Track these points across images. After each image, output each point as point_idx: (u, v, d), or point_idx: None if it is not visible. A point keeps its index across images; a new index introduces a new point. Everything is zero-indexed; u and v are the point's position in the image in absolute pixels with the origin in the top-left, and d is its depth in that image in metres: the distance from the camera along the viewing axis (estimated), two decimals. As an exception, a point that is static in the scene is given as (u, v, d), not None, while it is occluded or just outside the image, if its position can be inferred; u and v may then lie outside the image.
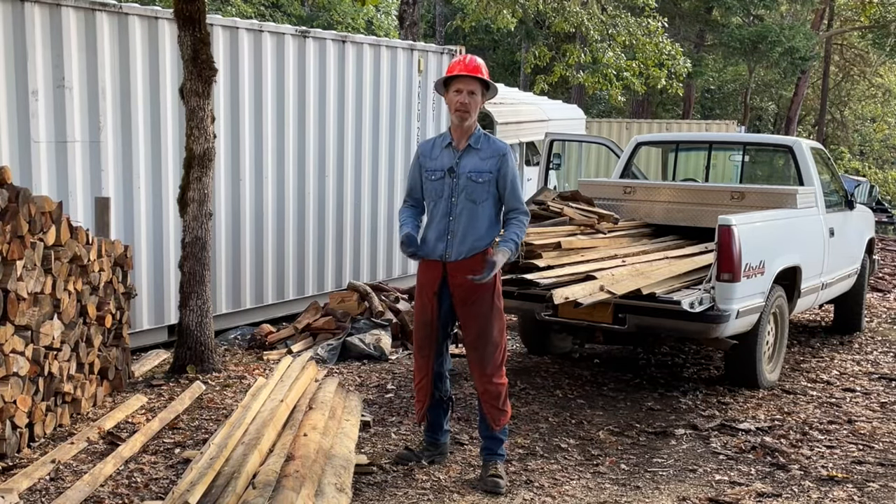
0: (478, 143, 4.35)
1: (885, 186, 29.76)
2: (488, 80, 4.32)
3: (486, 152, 4.33)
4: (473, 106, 4.30)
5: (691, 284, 5.96)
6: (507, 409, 4.47)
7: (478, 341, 4.37)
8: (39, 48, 6.04)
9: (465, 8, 19.57)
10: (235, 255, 7.62)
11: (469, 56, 4.40)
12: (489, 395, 4.40)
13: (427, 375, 4.53)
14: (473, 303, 4.34)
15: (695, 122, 21.21)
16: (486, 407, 4.42)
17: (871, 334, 8.44)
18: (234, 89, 7.42)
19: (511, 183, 4.33)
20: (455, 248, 4.33)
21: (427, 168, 4.45)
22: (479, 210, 4.32)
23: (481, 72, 4.30)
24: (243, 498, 3.71)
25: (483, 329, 4.35)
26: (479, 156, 4.33)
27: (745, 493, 4.42)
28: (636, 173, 8.42)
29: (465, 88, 4.28)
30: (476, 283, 4.25)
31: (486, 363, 4.37)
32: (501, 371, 4.43)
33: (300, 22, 23.74)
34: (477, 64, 4.33)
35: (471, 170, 4.32)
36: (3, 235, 4.33)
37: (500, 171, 4.30)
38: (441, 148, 4.43)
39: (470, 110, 4.29)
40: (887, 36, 26.30)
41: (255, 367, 6.58)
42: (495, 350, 4.37)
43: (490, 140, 4.39)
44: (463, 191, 4.32)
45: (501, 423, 4.44)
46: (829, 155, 8.14)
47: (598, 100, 29.70)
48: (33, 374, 4.67)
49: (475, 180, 4.31)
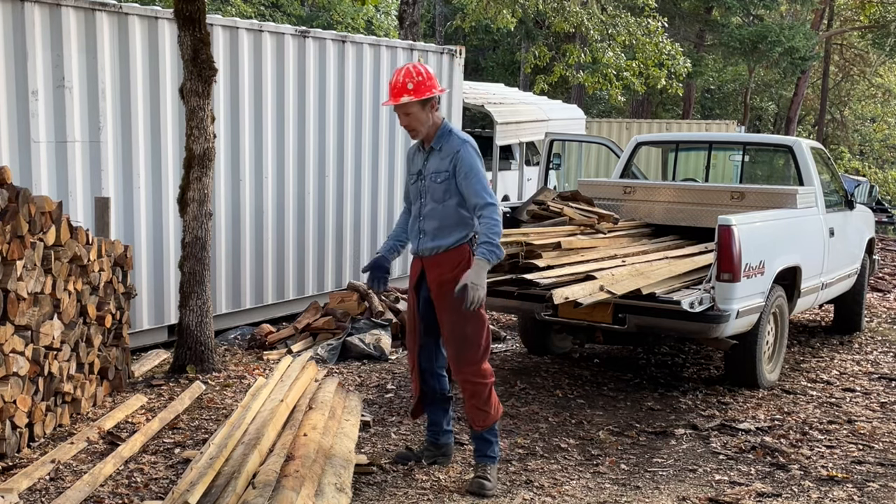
0: (439, 142, 4.37)
1: (885, 186, 29.78)
2: (410, 99, 4.21)
3: (445, 151, 4.35)
4: (418, 120, 4.31)
5: (691, 284, 5.96)
6: (491, 410, 4.38)
7: (450, 336, 4.38)
8: (39, 48, 6.04)
9: (465, 8, 19.54)
10: (235, 255, 7.62)
11: (396, 75, 4.28)
12: (468, 393, 4.38)
13: (415, 369, 4.59)
14: (444, 297, 4.35)
15: (695, 122, 21.21)
16: (467, 405, 4.42)
17: (871, 334, 8.44)
18: (234, 89, 7.43)
19: (466, 178, 4.27)
20: (425, 245, 4.42)
21: (409, 172, 4.61)
22: (442, 209, 4.35)
23: (404, 94, 4.22)
24: (243, 498, 3.71)
25: (454, 324, 4.34)
26: (439, 156, 4.37)
27: (745, 493, 4.42)
28: (636, 173, 8.42)
29: (400, 112, 4.33)
30: (445, 278, 4.32)
31: (458, 359, 4.35)
32: (481, 370, 4.36)
33: (300, 22, 23.74)
34: (399, 85, 4.24)
35: (433, 171, 4.37)
36: (3, 235, 4.33)
37: (455, 168, 4.30)
38: (416, 151, 4.53)
39: (416, 126, 4.33)
40: (887, 36, 26.29)
41: (255, 367, 6.58)
42: (468, 346, 4.33)
43: (450, 138, 4.36)
44: (428, 192, 4.40)
45: (483, 424, 4.38)
46: (829, 155, 8.14)
47: (598, 100, 29.70)
48: (33, 374, 4.67)
49: (435, 181, 4.36)
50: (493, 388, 4.43)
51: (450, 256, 4.36)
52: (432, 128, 4.37)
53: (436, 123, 4.38)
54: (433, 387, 4.61)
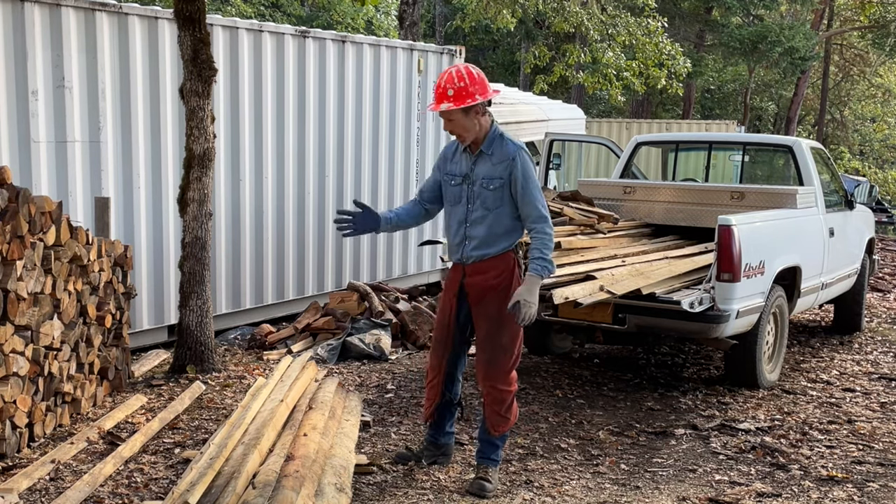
0: (490, 147, 4.24)
1: (885, 186, 29.78)
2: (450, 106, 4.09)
3: (498, 157, 4.22)
4: (462, 127, 4.19)
5: (691, 284, 5.96)
6: (511, 417, 4.38)
7: (485, 342, 4.33)
8: (39, 48, 6.04)
9: (465, 8, 19.55)
10: (235, 255, 7.62)
11: (440, 79, 4.18)
12: (491, 399, 4.36)
13: (439, 375, 4.51)
14: (485, 304, 4.30)
15: (695, 122, 21.18)
16: (487, 410, 4.39)
17: (871, 334, 8.44)
18: (234, 89, 7.42)
19: (522, 188, 4.16)
20: (471, 252, 4.29)
21: (447, 171, 4.41)
22: (493, 216, 4.24)
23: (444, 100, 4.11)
24: (243, 498, 3.71)
25: (491, 331, 4.30)
26: (491, 161, 4.23)
27: (745, 493, 4.42)
28: (636, 173, 8.42)
29: (445, 118, 4.21)
30: (489, 284, 4.24)
31: (490, 365, 4.32)
32: (508, 378, 4.34)
33: (300, 22, 23.75)
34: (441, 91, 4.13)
35: (483, 176, 4.23)
36: (3, 235, 4.33)
37: (511, 176, 4.18)
38: (460, 152, 4.37)
39: (461, 132, 4.22)
40: (887, 36, 26.28)
41: (255, 367, 6.58)
42: (502, 354, 4.30)
43: (503, 143, 4.24)
44: (478, 198, 4.25)
45: (501, 430, 4.38)
46: (829, 155, 8.14)
47: (598, 100, 29.69)
48: (33, 374, 4.67)
49: (487, 188, 4.22)
50: (515, 396, 4.41)
51: (494, 263, 4.27)
52: (480, 132, 4.24)
53: (484, 127, 4.24)
54: (451, 392, 4.59)
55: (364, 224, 4.43)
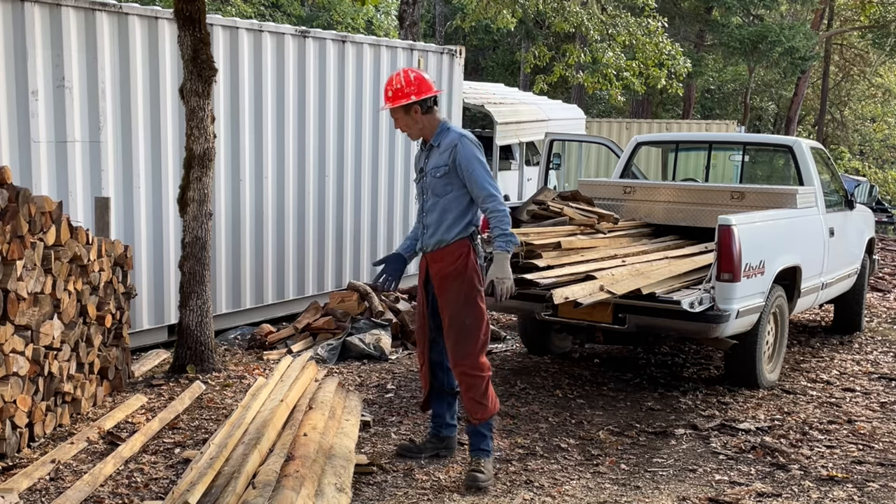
0: (437, 139, 4.50)
1: (885, 186, 29.76)
2: (388, 106, 4.43)
3: (443, 146, 4.46)
4: (404, 124, 4.51)
5: (691, 284, 5.96)
6: (488, 403, 4.44)
7: (450, 328, 4.45)
8: (39, 48, 6.04)
9: (465, 8, 19.55)
10: (235, 255, 7.62)
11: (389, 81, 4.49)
12: (465, 385, 4.44)
13: (424, 363, 4.71)
14: (445, 290, 4.47)
15: (695, 122, 21.20)
16: (464, 397, 4.47)
17: (871, 334, 8.44)
18: (234, 89, 7.43)
19: (467, 170, 4.38)
20: (429, 240, 4.52)
21: (415, 170, 4.73)
22: (443, 203, 4.45)
23: (385, 101, 4.46)
24: (243, 498, 3.71)
25: (453, 316, 4.43)
26: (438, 151, 4.48)
27: (745, 493, 4.42)
28: (636, 173, 8.42)
29: (392, 116, 4.54)
30: (447, 272, 4.43)
31: (456, 349, 4.42)
32: (478, 362, 4.42)
33: (300, 22, 23.75)
34: (387, 94, 4.45)
35: (432, 166, 4.49)
36: (3, 235, 4.33)
37: (454, 162, 4.40)
38: (420, 151, 4.67)
39: (403, 129, 4.55)
40: (887, 36, 26.29)
41: (255, 367, 6.58)
42: (466, 337, 4.40)
43: (448, 133, 4.48)
44: (430, 188, 4.51)
45: (480, 417, 4.44)
46: (829, 155, 8.14)
47: (598, 100, 29.69)
48: (33, 374, 4.67)
49: (435, 175, 4.47)
50: (490, 382, 4.49)
51: (450, 250, 4.46)
52: (429, 128, 4.51)
53: (432, 124, 4.51)
54: (441, 381, 4.72)
55: (396, 269, 4.66)
